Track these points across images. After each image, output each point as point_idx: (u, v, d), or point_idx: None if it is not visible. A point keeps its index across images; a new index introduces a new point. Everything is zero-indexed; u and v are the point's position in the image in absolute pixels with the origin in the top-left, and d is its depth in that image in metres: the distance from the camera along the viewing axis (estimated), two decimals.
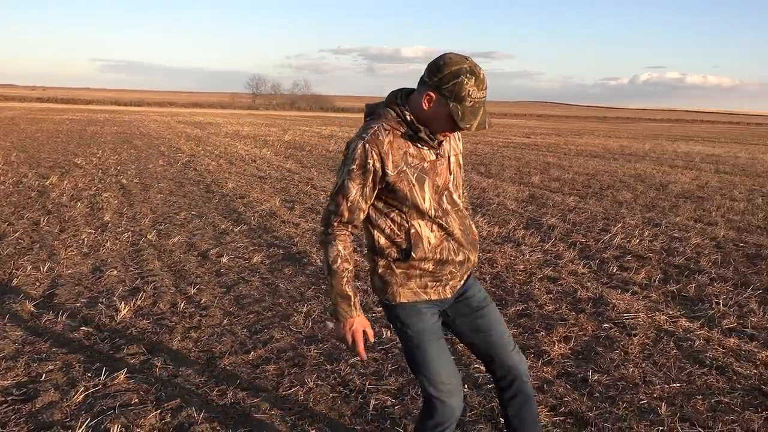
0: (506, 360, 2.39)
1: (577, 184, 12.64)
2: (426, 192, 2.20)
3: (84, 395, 3.43)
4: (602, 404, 3.46)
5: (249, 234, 7.42)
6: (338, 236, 2.21)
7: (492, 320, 2.40)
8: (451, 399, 2.27)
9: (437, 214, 2.23)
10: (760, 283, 5.81)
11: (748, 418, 3.34)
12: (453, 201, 2.30)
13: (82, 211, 8.46)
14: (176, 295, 5.14)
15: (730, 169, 17.19)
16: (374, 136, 2.14)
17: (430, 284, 2.28)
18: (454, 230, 2.28)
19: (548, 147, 24.27)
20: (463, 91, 2.04)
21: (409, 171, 2.17)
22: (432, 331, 2.30)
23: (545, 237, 7.53)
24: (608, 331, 4.53)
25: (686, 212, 9.58)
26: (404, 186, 2.16)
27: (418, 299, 2.28)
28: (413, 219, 2.21)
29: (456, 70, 2.04)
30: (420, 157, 2.19)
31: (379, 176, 2.15)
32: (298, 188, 11.23)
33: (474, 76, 2.04)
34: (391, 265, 2.25)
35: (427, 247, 2.23)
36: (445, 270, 2.28)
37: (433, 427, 2.31)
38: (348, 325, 2.24)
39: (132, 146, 18.96)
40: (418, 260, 2.23)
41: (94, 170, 12.83)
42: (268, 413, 3.31)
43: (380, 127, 2.16)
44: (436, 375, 2.27)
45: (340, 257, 2.20)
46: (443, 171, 2.25)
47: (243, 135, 26.63)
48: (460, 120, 2.06)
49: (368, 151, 2.12)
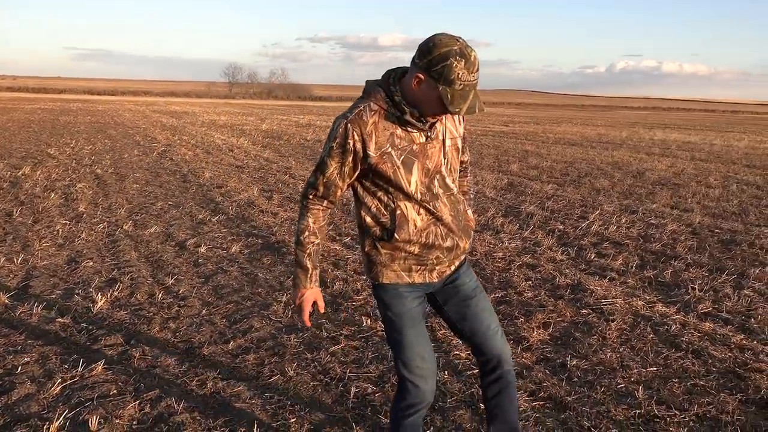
0: (492, 348, 2.41)
1: (556, 172, 12.72)
2: (413, 175, 2.18)
3: (61, 387, 3.39)
4: (581, 389, 3.50)
5: (227, 224, 7.36)
6: (311, 209, 2.28)
7: (480, 309, 2.41)
8: (424, 383, 2.31)
9: (424, 198, 2.21)
10: (734, 268, 5.90)
11: (723, 400, 3.40)
12: (445, 185, 2.27)
13: (56, 202, 8.33)
14: (154, 286, 5.09)
15: (706, 156, 17.42)
16: (358, 116, 2.13)
17: (414, 267, 2.29)
18: (443, 215, 2.25)
19: (526, 135, 24.38)
20: (452, 74, 1.98)
21: (395, 153, 2.15)
22: (411, 316, 2.31)
23: (524, 224, 7.58)
24: (586, 316, 4.58)
25: (663, 199, 9.70)
26: (387, 168, 2.15)
27: (401, 281, 2.29)
28: (399, 200, 2.20)
29: (445, 52, 1.98)
30: (408, 140, 2.17)
31: (360, 157, 2.14)
32: (276, 177, 11.16)
33: (464, 59, 1.98)
34: (376, 244, 2.26)
35: (412, 230, 2.22)
36: (432, 255, 2.28)
37: (405, 409, 2.36)
38: (299, 293, 2.32)
39: (106, 136, 18.69)
40: (402, 242, 2.22)
41: (68, 160, 12.63)
42: (248, 402, 3.30)
43: (366, 107, 2.14)
44: (410, 359, 2.30)
45: (308, 230, 2.27)
46: (435, 154, 2.22)
47: (220, 124, 26.39)
48: (449, 104, 2.01)
49: (349, 131, 2.12)
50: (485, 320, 2.41)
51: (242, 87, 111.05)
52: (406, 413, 2.37)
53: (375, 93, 2.16)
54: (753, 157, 17.53)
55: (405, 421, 2.38)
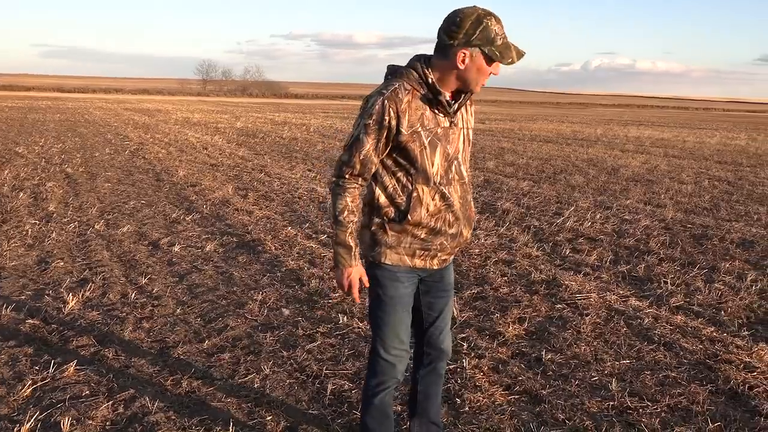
0: (439, 344, 2.55)
1: (531, 169, 12.82)
2: (437, 157, 2.24)
3: (32, 389, 3.32)
4: (555, 382, 3.53)
5: (201, 222, 7.29)
6: (348, 189, 2.26)
7: (447, 307, 2.54)
8: (398, 363, 2.42)
9: (442, 181, 2.27)
10: (706, 263, 6.00)
11: (693, 391, 3.45)
12: (460, 172, 2.34)
13: (25, 202, 8.17)
14: (127, 286, 5.02)
15: (679, 153, 17.69)
16: (394, 93, 2.17)
17: (418, 252, 2.32)
18: (455, 201, 2.31)
19: (503, 132, 24.53)
20: (491, 33, 2.10)
21: (423, 133, 2.20)
22: (403, 301, 2.37)
23: (500, 221, 7.62)
24: (561, 311, 4.62)
25: (636, 195, 9.83)
26: (416, 147, 2.20)
27: (402, 264, 2.32)
28: (418, 183, 2.24)
29: (476, 18, 2.10)
30: (435, 122, 2.22)
31: (393, 134, 2.18)
32: (251, 176, 11.08)
33: (492, 17, 2.11)
34: (385, 225, 2.29)
35: (424, 213, 2.26)
36: (437, 241, 2.32)
37: (376, 386, 2.46)
38: (347, 273, 2.31)
39: (77, 134, 18.39)
40: (413, 224, 2.26)
41: (37, 159, 12.41)
42: (224, 401, 3.27)
43: (401, 85, 2.19)
44: (390, 340, 2.38)
45: (347, 209, 2.26)
46: (455, 140, 2.29)
47: (193, 122, 26.13)
48: (501, 58, 2.13)
49: (386, 107, 2.15)
50: (446, 318, 2.55)
51: (216, 84, 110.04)
52: (376, 390, 2.46)
53: (407, 73, 2.22)
54: (724, 153, 17.85)
55: (375, 398, 2.47)
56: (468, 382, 3.49)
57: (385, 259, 2.31)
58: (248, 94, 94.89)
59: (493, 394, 3.37)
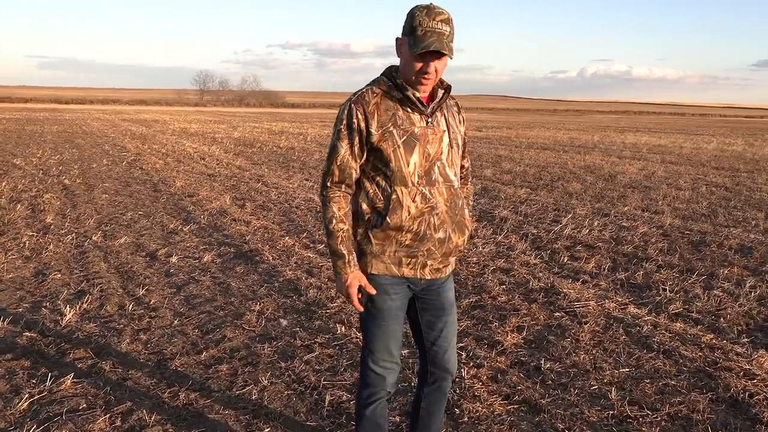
0: (444, 364, 2.50)
1: (528, 177, 12.83)
2: (414, 157, 2.22)
3: (29, 402, 3.30)
4: (554, 391, 3.52)
5: (199, 233, 7.28)
6: (332, 198, 2.28)
7: (448, 328, 2.46)
8: (387, 375, 2.39)
9: (421, 182, 2.24)
10: (704, 269, 6.00)
11: (693, 399, 3.44)
12: (446, 174, 2.29)
13: (23, 214, 8.16)
14: (124, 297, 5.00)
15: (676, 159, 17.73)
16: (361, 96, 2.23)
17: (404, 260, 2.29)
18: (439, 203, 2.27)
19: (500, 140, 24.57)
20: (414, 22, 2.11)
21: (396, 132, 2.21)
22: (391, 314, 2.34)
23: (497, 229, 7.62)
24: (560, 319, 4.61)
25: (634, 202, 9.83)
26: (388, 146, 2.20)
27: (389, 273, 2.30)
28: (396, 185, 2.23)
29: (412, 10, 2.14)
30: (410, 122, 2.23)
31: (364, 135, 2.21)
32: (248, 185, 11.08)
33: (426, 9, 2.12)
34: (369, 233, 2.28)
35: (405, 216, 2.23)
36: (423, 246, 2.28)
37: (367, 397, 2.44)
38: (343, 280, 2.28)
39: (74, 145, 18.39)
40: (393, 228, 2.23)
41: (35, 171, 12.40)
42: (221, 413, 3.25)
43: (369, 89, 2.25)
44: (380, 353, 2.37)
45: (334, 218, 2.27)
46: (436, 141, 2.26)
47: (191, 132, 26.14)
48: (412, 47, 2.12)
49: (353, 111, 2.21)
50: (449, 337, 2.48)
51: (213, 94, 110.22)
52: (367, 401, 2.44)
53: (378, 80, 2.28)
54: (721, 159, 17.88)
55: (366, 409, 2.45)
56: (467, 392, 3.48)
57: (372, 269, 2.30)
58: (245, 104, 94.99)
59: (492, 404, 3.36)
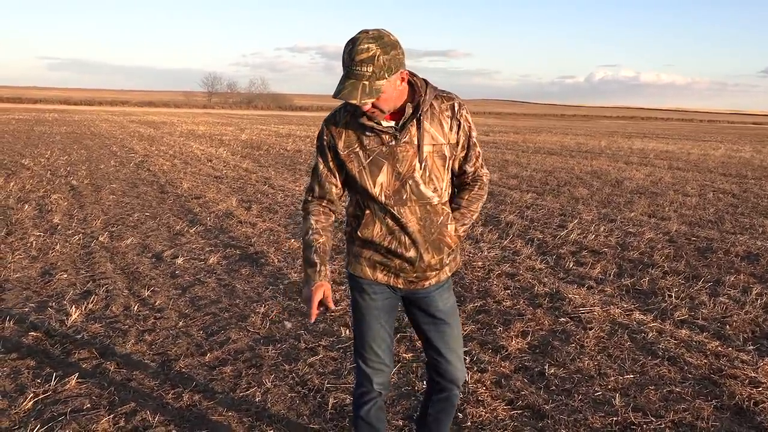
0: (445, 374, 2.43)
1: (535, 181, 12.81)
2: (380, 177, 2.17)
3: (33, 402, 3.32)
4: (558, 397, 3.51)
5: (205, 235, 7.30)
6: (311, 211, 2.33)
7: (444, 338, 2.39)
8: (375, 375, 2.37)
9: (389, 201, 2.19)
10: (710, 276, 5.97)
11: (698, 406, 3.42)
12: (419, 192, 2.19)
13: (30, 214, 8.20)
14: (129, 298, 5.02)
15: (683, 165, 17.66)
16: (332, 116, 2.24)
17: (378, 266, 2.31)
18: (410, 223, 2.20)
19: (506, 144, 24.55)
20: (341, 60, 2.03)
21: (362, 153, 2.19)
22: (372, 314, 2.34)
23: (503, 234, 7.61)
24: (564, 325, 4.59)
25: (640, 208, 9.80)
26: (354, 167, 2.20)
27: (364, 276, 2.32)
28: (367, 200, 2.23)
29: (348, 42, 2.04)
30: (378, 141, 2.18)
31: (334, 153, 2.24)
32: (255, 188, 11.11)
33: (351, 42, 2.00)
34: (352, 235, 2.32)
35: (376, 233, 2.24)
36: (394, 261, 2.27)
37: (360, 396, 2.42)
38: (306, 289, 2.30)
39: (82, 146, 18.48)
40: (364, 239, 2.26)
41: (43, 171, 12.46)
42: (225, 415, 3.26)
43: (342, 108, 2.24)
44: (364, 350, 2.36)
45: (311, 229, 2.30)
46: (407, 158, 2.16)
47: (198, 134, 26.23)
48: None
49: (323, 130, 2.25)
50: (447, 348, 2.40)
51: (221, 97, 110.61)
52: (360, 401, 2.43)
53: None
54: (729, 165, 17.81)
55: (360, 410, 2.43)
56: (470, 397, 3.47)
57: (351, 269, 2.35)
58: (253, 106, 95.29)
59: (495, 408, 3.35)
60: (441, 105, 2.21)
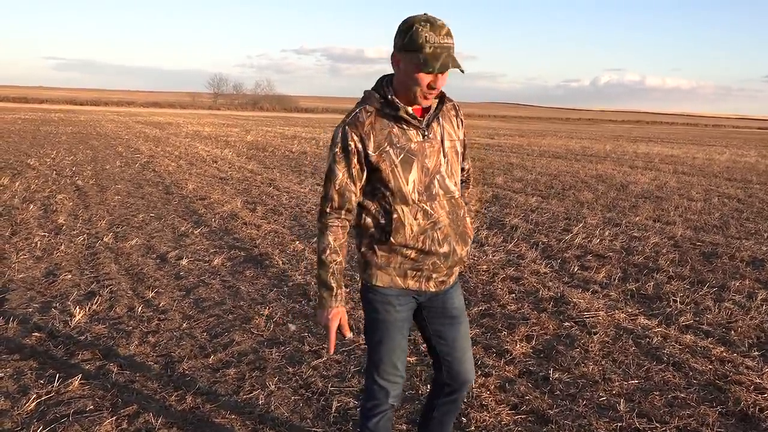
0: (458, 375, 2.43)
1: (540, 185, 12.79)
2: (412, 174, 2.18)
3: (36, 403, 3.32)
4: (563, 402, 3.49)
5: (209, 236, 7.31)
6: (330, 226, 2.22)
7: (459, 335, 2.40)
8: (391, 389, 2.35)
9: (422, 198, 2.20)
10: (715, 281, 5.94)
11: (703, 412, 3.40)
12: (446, 187, 2.25)
13: (35, 214, 8.22)
14: (134, 299, 5.02)
15: (688, 169, 17.61)
16: (354, 118, 2.17)
17: (410, 273, 2.27)
18: (441, 218, 2.23)
19: (511, 148, 24.52)
20: (420, 38, 2.03)
21: (393, 151, 2.16)
22: (396, 326, 2.30)
23: (508, 237, 7.59)
24: (569, 329, 4.58)
25: (645, 212, 9.77)
26: (386, 166, 2.16)
27: (394, 285, 2.27)
28: (397, 204, 2.19)
29: (410, 24, 2.06)
30: (406, 138, 2.18)
31: (362, 157, 2.17)
32: (260, 189, 11.11)
33: (429, 23, 2.05)
34: (374, 245, 2.25)
35: (409, 234, 2.20)
36: (428, 260, 2.25)
37: (371, 409, 2.39)
38: (325, 314, 2.25)
39: (88, 147, 18.53)
40: (398, 245, 2.21)
41: (48, 171, 12.50)
42: (228, 417, 3.25)
43: (362, 109, 2.19)
44: (384, 365, 2.32)
45: (329, 248, 2.22)
46: (434, 154, 2.22)
47: (204, 135, 26.28)
48: (423, 65, 2.05)
49: (348, 134, 2.15)
50: (462, 346, 2.41)
51: (227, 98, 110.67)
52: (371, 413, 2.40)
53: (369, 96, 2.22)
54: (734, 170, 17.75)
55: (370, 421, 2.41)
56: (474, 401, 3.46)
57: (377, 281, 2.26)
58: (259, 108, 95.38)
59: (499, 413, 3.34)
60: (446, 104, 2.32)
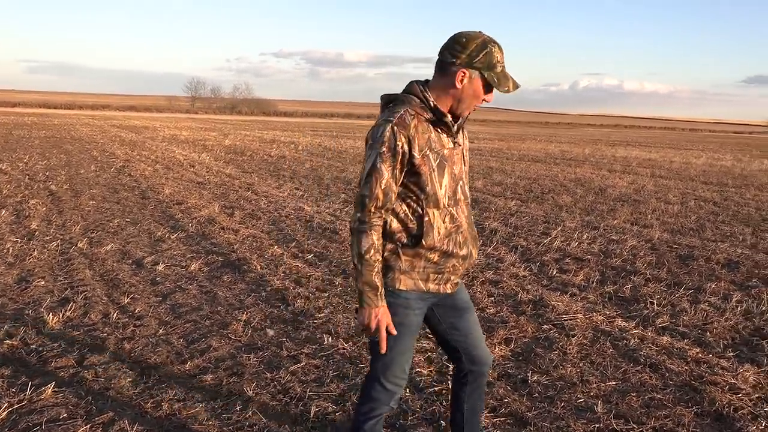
0: (479, 359, 2.55)
1: (519, 189, 12.86)
2: (444, 179, 2.25)
3: (8, 411, 3.25)
4: (541, 404, 3.50)
5: (186, 241, 7.23)
6: (374, 225, 2.20)
7: (472, 323, 2.52)
8: (397, 391, 2.39)
9: (450, 202, 2.28)
10: (691, 283, 6.01)
11: (679, 413, 3.43)
12: (465, 192, 2.37)
13: (7, 219, 8.08)
14: (108, 305, 4.95)
15: (665, 173, 17.83)
16: (401, 119, 2.17)
17: (432, 276, 2.31)
18: (462, 222, 2.32)
19: (491, 152, 24.65)
20: (493, 59, 2.17)
21: (432, 156, 2.21)
22: (411, 330, 2.35)
23: (487, 241, 7.62)
24: (548, 332, 4.60)
25: (623, 215, 9.87)
26: (426, 170, 2.20)
27: (416, 289, 2.30)
28: (428, 207, 2.23)
29: (481, 43, 2.16)
30: (440, 144, 2.24)
31: (407, 159, 2.18)
32: (238, 194, 11.04)
33: (496, 44, 2.19)
34: (398, 250, 2.26)
35: (437, 237, 2.25)
36: (449, 263, 2.31)
37: (369, 411, 2.41)
38: (374, 313, 2.22)
39: (62, 151, 18.27)
40: (426, 249, 2.24)
41: (21, 176, 12.30)
42: (205, 424, 3.21)
43: (406, 111, 2.20)
44: (393, 369, 2.35)
45: (373, 248, 2.19)
46: (459, 161, 2.33)
47: (181, 139, 26.05)
48: (498, 85, 2.18)
49: (396, 134, 2.15)
50: (476, 332, 2.54)
51: (205, 102, 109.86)
52: (368, 416, 2.41)
53: (408, 100, 2.23)
54: (710, 174, 18.00)
55: (365, 425, 2.42)
56: None
57: (400, 285, 2.27)
58: (237, 112, 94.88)
59: None
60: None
